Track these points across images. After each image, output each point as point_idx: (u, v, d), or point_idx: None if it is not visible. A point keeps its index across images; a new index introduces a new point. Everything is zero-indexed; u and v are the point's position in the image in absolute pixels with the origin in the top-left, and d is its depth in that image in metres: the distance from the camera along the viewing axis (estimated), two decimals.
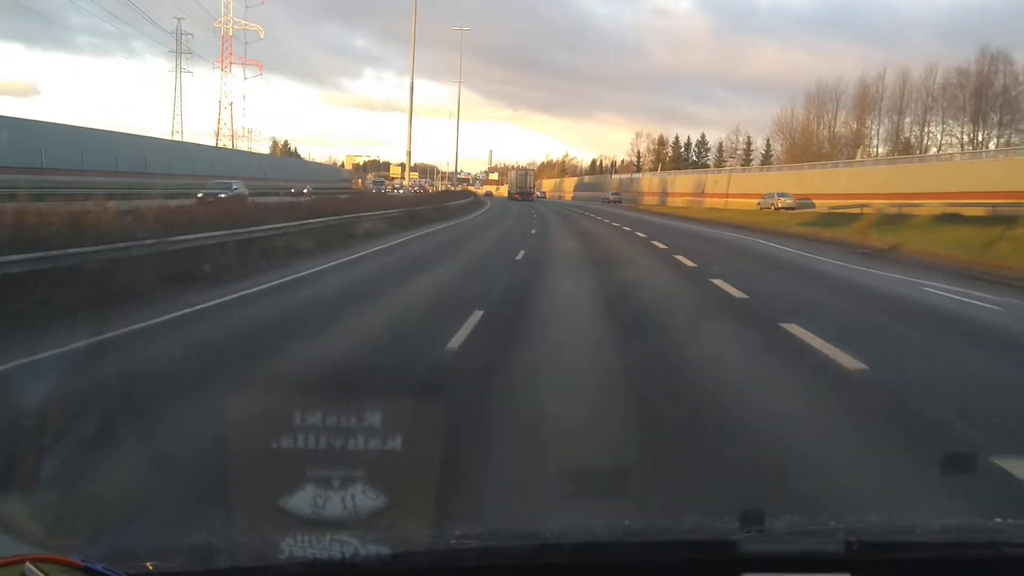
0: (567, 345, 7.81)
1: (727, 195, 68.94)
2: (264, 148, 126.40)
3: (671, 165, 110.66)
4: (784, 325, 8.63)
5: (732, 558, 1.65)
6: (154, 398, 5.27)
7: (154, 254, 11.38)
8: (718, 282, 12.99)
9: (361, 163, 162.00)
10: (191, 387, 5.57)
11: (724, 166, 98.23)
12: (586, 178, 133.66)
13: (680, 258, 17.89)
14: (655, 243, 23.16)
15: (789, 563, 1.64)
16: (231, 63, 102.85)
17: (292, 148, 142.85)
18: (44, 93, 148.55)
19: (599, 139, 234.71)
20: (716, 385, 6.31)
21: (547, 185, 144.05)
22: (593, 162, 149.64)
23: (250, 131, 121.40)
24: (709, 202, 71.31)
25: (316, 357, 6.76)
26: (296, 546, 1.55)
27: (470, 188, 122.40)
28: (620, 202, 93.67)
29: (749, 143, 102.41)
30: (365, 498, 1.67)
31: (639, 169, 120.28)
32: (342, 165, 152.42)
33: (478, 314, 8.76)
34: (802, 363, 7.11)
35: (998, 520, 1.99)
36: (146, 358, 6.79)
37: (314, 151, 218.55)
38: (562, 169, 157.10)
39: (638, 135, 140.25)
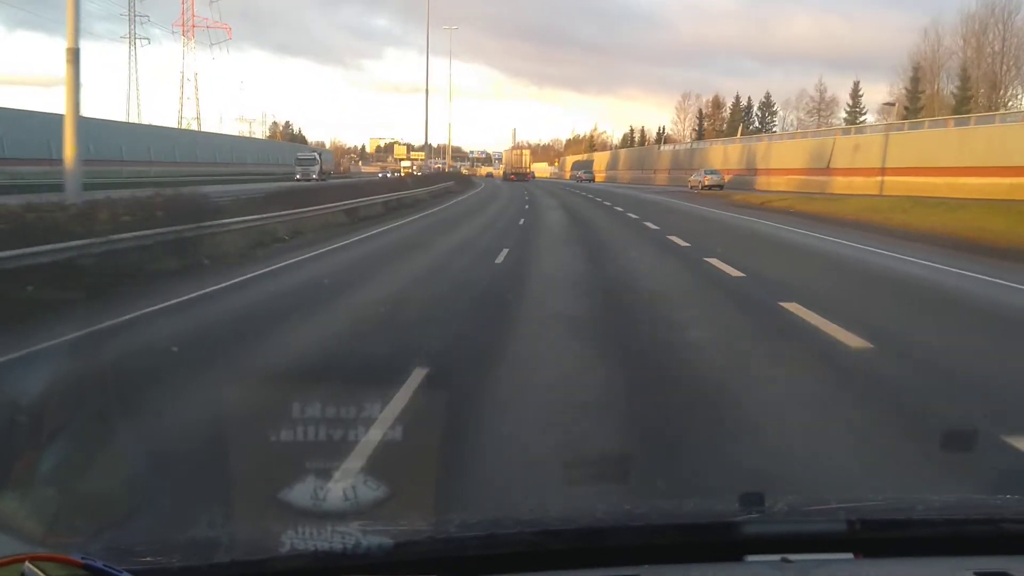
0: None
1: (882, 171, 40.76)
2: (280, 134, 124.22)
3: (728, 133, 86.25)
4: None
5: (736, 540, 1.65)
6: None
7: None
8: None
9: (383, 145, 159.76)
10: None
11: (859, 123, 66.00)
12: (622, 152, 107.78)
13: None
14: None
15: (792, 543, 1.65)
16: (194, 26, 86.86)
17: (296, 130, 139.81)
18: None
19: (626, 115, 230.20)
20: None
21: (571, 163, 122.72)
22: (626, 136, 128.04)
23: (265, 115, 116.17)
24: (844, 181, 43.74)
25: None
26: (297, 538, 1.55)
27: (473, 170, 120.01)
28: (592, 180, 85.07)
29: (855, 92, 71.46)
30: (366, 488, 1.67)
31: (700, 136, 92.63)
32: (362, 148, 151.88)
33: None
34: None
35: (998, 497, 2.00)
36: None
37: (340, 135, 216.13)
38: (590, 144, 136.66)
39: (684, 97, 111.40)
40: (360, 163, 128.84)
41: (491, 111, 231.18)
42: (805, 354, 7.22)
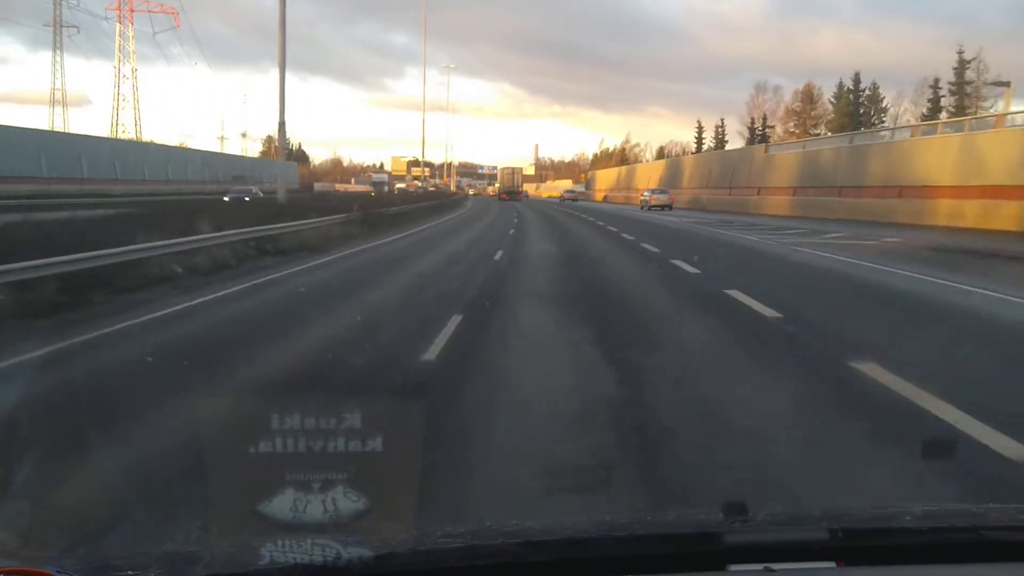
0: None
1: None
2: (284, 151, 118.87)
3: (837, 129, 64.56)
4: None
5: (719, 549, 1.65)
6: None
7: None
8: None
9: (404, 163, 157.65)
10: None
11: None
12: (687, 161, 75.50)
13: None
14: None
15: (774, 552, 1.65)
16: (132, 11, 75.34)
17: (294, 145, 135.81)
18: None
19: (651, 134, 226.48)
20: None
21: (604, 180, 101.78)
22: (662, 148, 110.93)
23: (282, 136, 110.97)
24: None
25: None
26: (276, 551, 1.53)
27: (480, 189, 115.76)
28: (575, 200, 79.17)
29: None
30: (346, 500, 1.65)
31: (857, 126, 63.55)
32: (380, 165, 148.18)
33: None
34: None
35: (980, 505, 2.02)
36: None
37: (357, 154, 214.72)
38: (622, 159, 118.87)
39: (758, 90, 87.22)
40: (353, 180, 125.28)
41: (511, 129, 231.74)
42: None
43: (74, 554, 1.90)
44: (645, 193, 58.78)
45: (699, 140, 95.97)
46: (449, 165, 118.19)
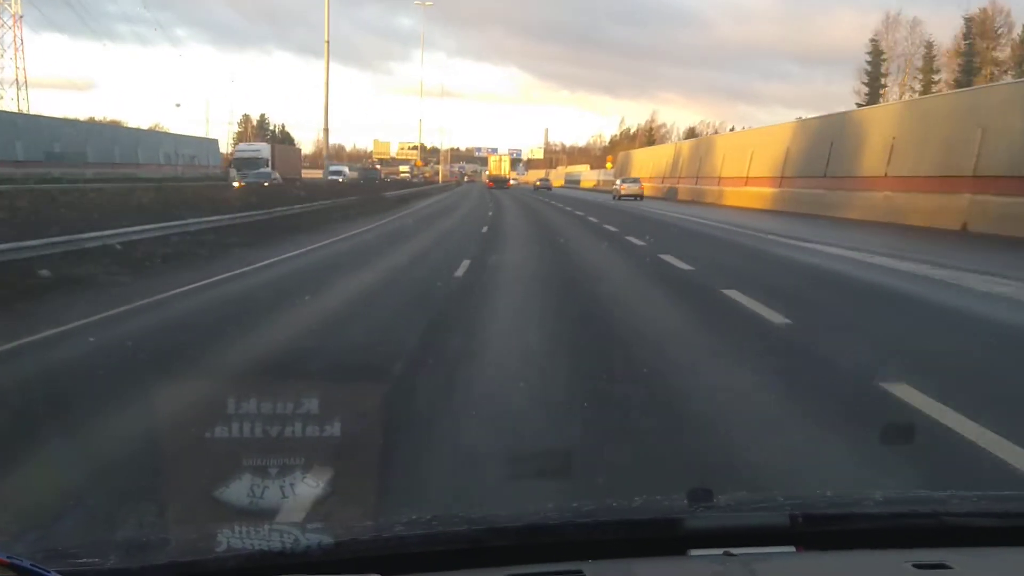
0: None
1: None
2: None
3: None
4: None
5: (680, 535, 1.65)
6: None
7: None
8: None
9: (388, 146, 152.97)
10: None
11: None
12: (868, 114, 35.71)
13: None
14: None
15: (737, 538, 1.65)
16: None
17: (273, 127, 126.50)
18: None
19: (664, 118, 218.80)
20: None
21: (645, 164, 69.05)
22: (691, 129, 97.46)
23: (265, 115, 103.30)
24: None
25: None
26: (234, 537, 1.50)
27: (474, 175, 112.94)
28: (550, 188, 72.69)
29: None
30: (305, 485, 1.63)
31: None
32: (369, 154, 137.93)
33: None
34: None
35: (941, 491, 2.04)
36: None
37: (360, 139, 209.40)
38: (649, 139, 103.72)
39: (889, 22, 64.23)
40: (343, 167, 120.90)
41: (521, 114, 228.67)
42: None
43: (24, 541, 1.85)
44: (617, 181, 59.09)
45: (874, 80, 55.86)
46: (422, 147, 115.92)
